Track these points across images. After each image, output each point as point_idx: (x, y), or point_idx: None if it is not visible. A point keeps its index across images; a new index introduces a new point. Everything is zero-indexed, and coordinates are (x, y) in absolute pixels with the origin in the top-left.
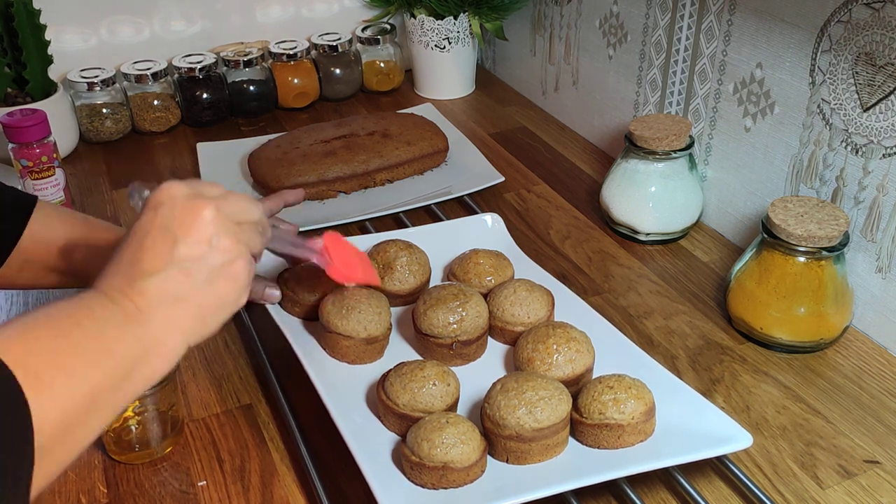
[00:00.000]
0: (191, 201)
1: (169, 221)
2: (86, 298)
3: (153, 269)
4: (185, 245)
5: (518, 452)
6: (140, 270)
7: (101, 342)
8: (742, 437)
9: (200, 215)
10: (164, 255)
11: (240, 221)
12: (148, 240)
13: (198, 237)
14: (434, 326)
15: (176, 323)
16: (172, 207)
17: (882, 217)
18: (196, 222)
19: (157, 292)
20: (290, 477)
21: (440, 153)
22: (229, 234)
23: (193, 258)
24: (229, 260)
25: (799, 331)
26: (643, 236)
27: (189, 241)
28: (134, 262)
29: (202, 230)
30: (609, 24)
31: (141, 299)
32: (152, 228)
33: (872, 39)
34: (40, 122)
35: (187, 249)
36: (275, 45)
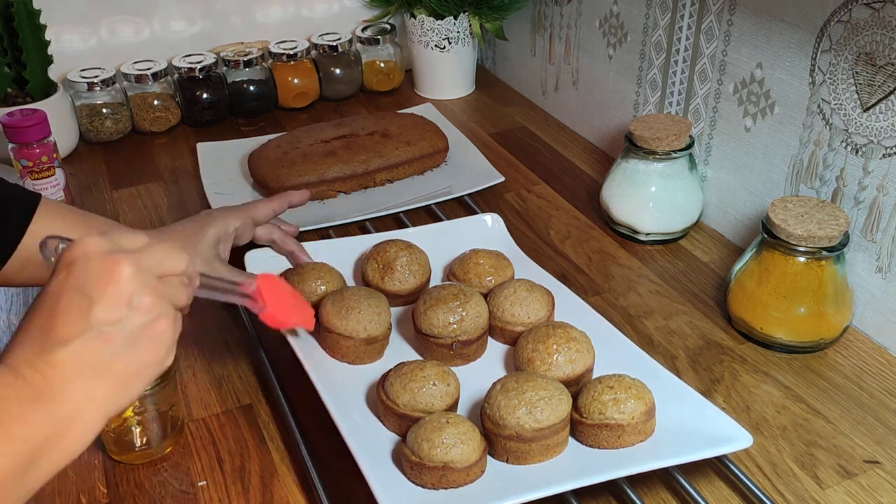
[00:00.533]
0: (107, 257)
1: (83, 281)
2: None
3: (67, 336)
4: (101, 307)
5: (518, 452)
6: (52, 339)
7: (6, 426)
8: (742, 437)
9: (118, 273)
10: (79, 321)
11: (162, 274)
12: (61, 304)
13: (116, 298)
14: (434, 326)
15: (93, 394)
16: (87, 265)
17: (882, 217)
18: (113, 281)
19: (72, 363)
20: (290, 477)
21: (440, 153)
22: (150, 291)
23: (112, 321)
24: (151, 320)
25: (799, 331)
26: (643, 236)
27: (106, 302)
28: (45, 329)
29: (120, 290)
30: (609, 24)
31: (53, 372)
32: (65, 290)
33: (872, 39)
34: (40, 122)
35: (104, 312)
36: (275, 45)
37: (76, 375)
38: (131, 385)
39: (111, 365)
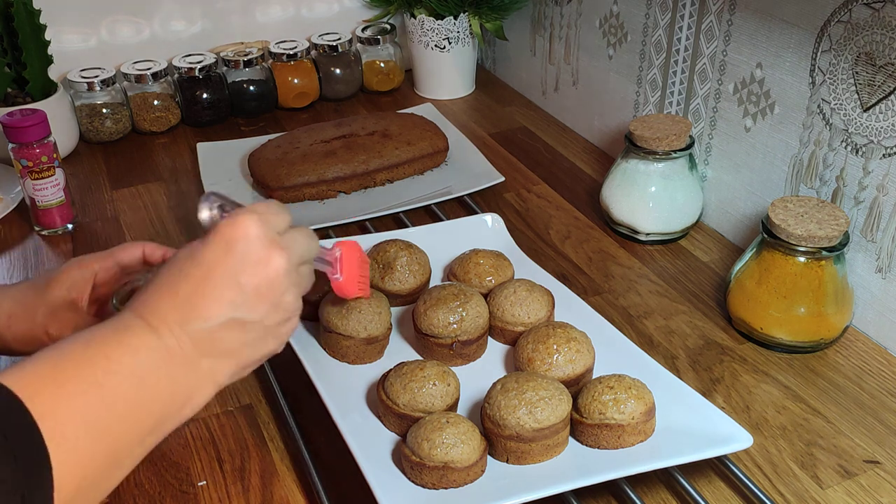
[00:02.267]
0: (265, 248)
1: (239, 267)
2: (128, 330)
3: (211, 313)
4: (250, 301)
5: (518, 452)
6: (197, 313)
7: (135, 395)
8: (742, 437)
9: (273, 269)
10: (226, 304)
11: (303, 263)
12: (212, 280)
13: (264, 291)
14: (434, 326)
15: (216, 372)
16: (246, 251)
17: (882, 217)
18: (267, 274)
19: (209, 342)
20: (290, 477)
21: (440, 153)
22: (294, 290)
23: (253, 312)
24: (286, 319)
25: (799, 331)
26: (643, 236)
27: (254, 293)
28: (191, 299)
29: (271, 284)
30: (609, 24)
31: (190, 345)
32: (219, 268)
33: (872, 39)
34: (40, 122)
35: (250, 306)
36: (275, 45)
37: (208, 353)
38: (248, 369)
39: (240, 351)
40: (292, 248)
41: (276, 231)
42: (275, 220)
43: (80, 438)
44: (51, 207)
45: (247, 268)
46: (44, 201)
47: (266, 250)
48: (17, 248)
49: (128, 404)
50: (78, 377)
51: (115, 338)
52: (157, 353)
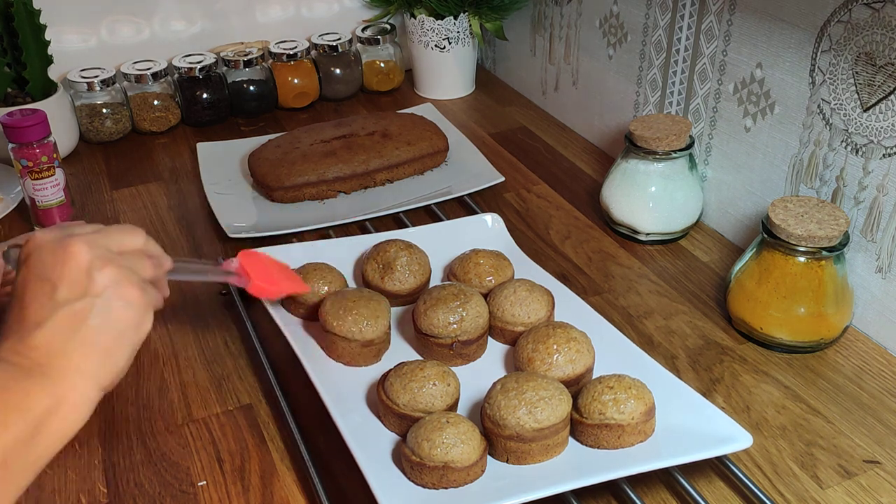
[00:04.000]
0: (59, 242)
1: (41, 269)
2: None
3: (39, 319)
4: (63, 286)
5: (518, 452)
6: (27, 326)
7: (5, 402)
8: (742, 437)
9: (71, 251)
10: (46, 303)
11: (120, 251)
12: (27, 294)
13: (75, 273)
14: (434, 326)
15: (80, 366)
16: (41, 254)
17: (882, 217)
18: (69, 259)
19: (51, 342)
20: (290, 477)
21: (440, 153)
22: (108, 262)
23: (76, 297)
24: (114, 286)
25: (799, 331)
26: (643, 236)
27: (67, 280)
28: (20, 319)
29: (77, 265)
30: (609, 24)
31: (36, 353)
32: (28, 281)
33: (872, 39)
34: (40, 122)
35: (67, 290)
36: (275, 45)
37: (59, 352)
38: (114, 353)
39: (88, 336)
40: (93, 236)
41: (72, 231)
42: (73, 227)
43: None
44: (51, 207)
45: (47, 265)
46: (44, 201)
47: (60, 244)
48: None
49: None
50: None
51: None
52: (13, 374)
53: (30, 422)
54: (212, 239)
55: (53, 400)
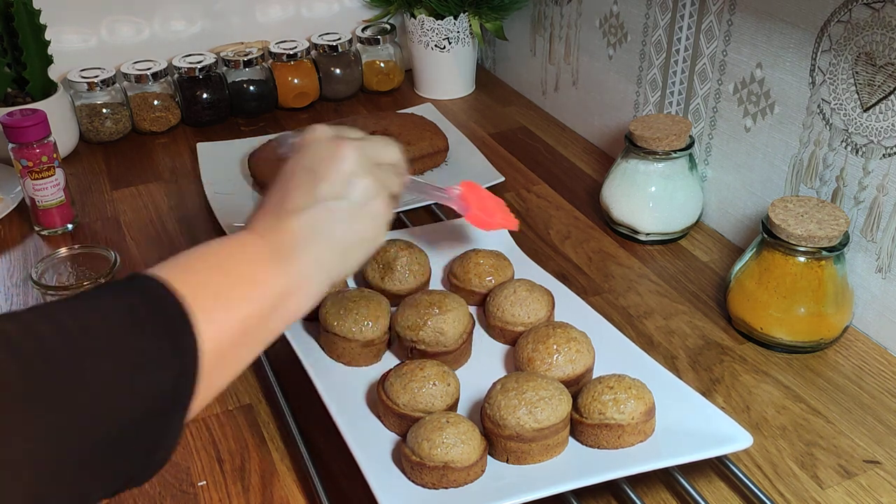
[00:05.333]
0: (333, 142)
1: (312, 162)
2: (238, 237)
3: (298, 207)
4: (326, 183)
5: (518, 452)
6: (286, 209)
7: (252, 276)
8: (742, 437)
9: (341, 155)
10: (308, 194)
11: (379, 162)
12: (293, 180)
13: (339, 176)
14: (397, 325)
15: (320, 258)
16: (316, 149)
17: (882, 217)
18: (337, 162)
19: (302, 229)
20: (290, 477)
21: (440, 153)
22: (368, 173)
23: (335, 196)
24: (368, 198)
25: (799, 331)
26: (643, 236)
27: (330, 179)
28: (281, 201)
29: (342, 169)
30: (609, 24)
31: (287, 236)
32: (297, 169)
33: (872, 39)
34: (40, 122)
35: (329, 188)
36: (275, 45)
37: (306, 240)
38: (351, 254)
39: (334, 233)
40: (362, 143)
41: (345, 134)
42: (345, 130)
43: (214, 310)
44: (51, 207)
45: (317, 160)
46: (44, 201)
47: (333, 143)
48: (17, 248)
49: (248, 285)
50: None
51: (228, 242)
52: (262, 249)
53: (268, 299)
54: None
55: (291, 284)
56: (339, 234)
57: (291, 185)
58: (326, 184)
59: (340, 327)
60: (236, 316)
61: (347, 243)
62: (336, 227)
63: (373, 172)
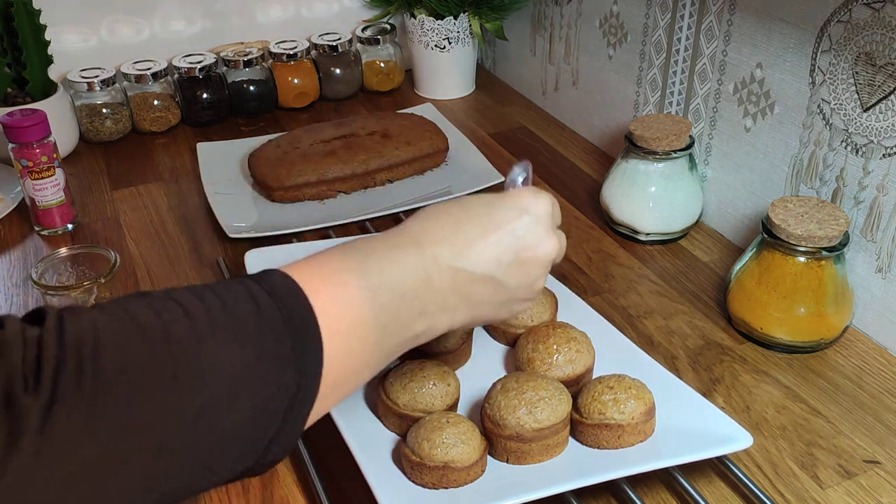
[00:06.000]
0: (548, 233)
1: (522, 236)
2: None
3: (478, 263)
4: (514, 267)
5: (518, 452)
6: (467, 256)
7: (395, 309)
8: (742, 438)
9: (544, 253)
10: (494, 261)
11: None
12: (495, 235)
13: (527, 272)
14: None
15: (456, 315)
16: (534, 226)
17: (882, 217)
18: (537, 258)
19: (464, 286)
20: (290, 477)
21: (440, 153)
22: (545, 280)
23: (509, 282)
24: (528, 299)
25: (799, 331)
26: (643, 236)
27: (519, 267)
28: (469, 243)
29: (535, 268)
30: (609, 24)
31: (448, 281)
32: (505, 228)
33: (872, 39)
34: (40, 122)
35: (512, 273)
36: (275, 45)
37: (458, 295)
38: (474, 325)
39: (481, 307)
40: (562, 242)
41: (555, 221)
42: (558, 212)
43: (349, 336)
44: (51, 207)
45: (527, 240)
46: (44, 201)
47: (548, 233)
48: (17, 248)
49: (388, 315)
50: (355, 284)
51: (389, 253)
52: (420, 278)
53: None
54: (212, 239)
55: (427, 327)
56: (481, 311)
57: (490, 237)
58: (513, 265)
59: None
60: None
61: (481, 319)
62: (485, 304)
63: (545, 276)
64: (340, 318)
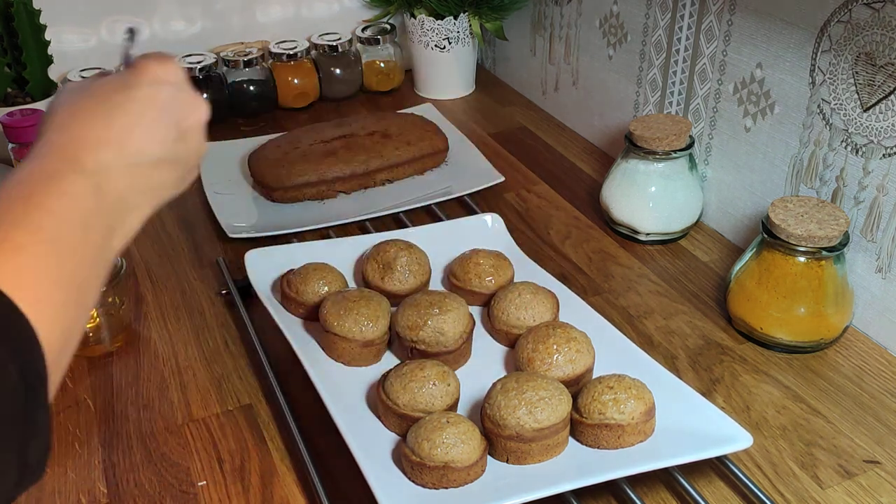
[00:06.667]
0: (193, 94)
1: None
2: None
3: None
4: (179, 140)
5: (518, 452)
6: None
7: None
8: (742, 438)
9: (200, 114)
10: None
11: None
12: (148, 116)
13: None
14: (398, 325)
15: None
16: (177, 93)
17: (882, 217)
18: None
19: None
20: (290, 477)
21: (440, 153)
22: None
23: (180, 155)
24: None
25: (799, 331)
26: (643, 236)
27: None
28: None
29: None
30: (609, 24)
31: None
32: (155, 106)
33: (872, 39)
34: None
35: (179, 147)
36: (275, 45)
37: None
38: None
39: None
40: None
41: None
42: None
43: (52, 294)
44: None
45: (180, 109)
46: None
47: (193, 95)
48: None
49: (80, 248)
50: (31, 240)
51: (48, 188)
52: (94, 198)
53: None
54: (212, 239)
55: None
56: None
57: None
58: (178, 138)
59: (340, 327)
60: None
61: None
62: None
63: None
64: (36, 284)
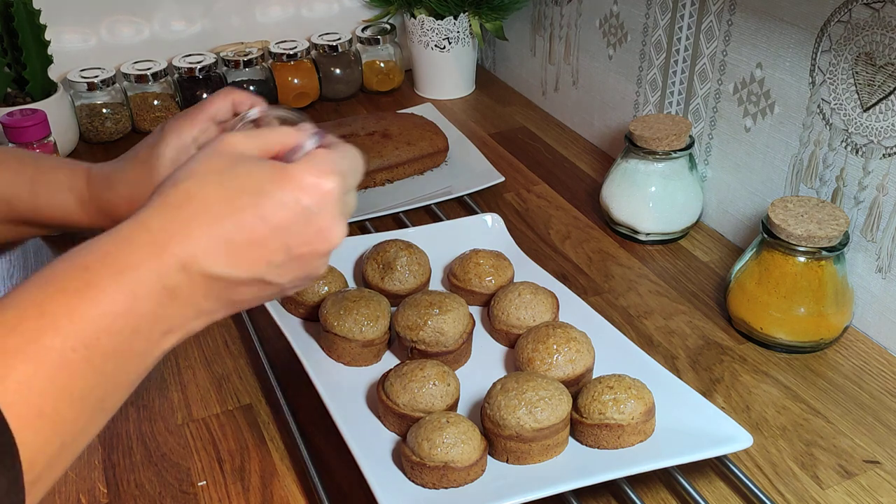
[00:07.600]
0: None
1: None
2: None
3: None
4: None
5: (518, 452)
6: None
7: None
8: (742, 437)
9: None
10: (264, 265)
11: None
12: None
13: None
14: (398, 325)
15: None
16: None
17: (882, 217)
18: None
19: (223, 290)
20: (290, 477)
21: (440, 153)
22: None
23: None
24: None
25: (799, 331)
26: (643, 236)
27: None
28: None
29: (314, 260)
30: (609, 24)
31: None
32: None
33: (872, 39)
34: (40, 122)
35: (284, 271)
36: (275, 45)
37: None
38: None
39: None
40: (349, 213)
41: (346, 193)
42: (351, 181)
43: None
44: None
45: (302, 234)
46: None
47: (331, 223)
48: (17, 247)
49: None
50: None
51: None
52: (159, 298)
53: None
54: None
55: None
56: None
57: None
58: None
59: (340, 327)
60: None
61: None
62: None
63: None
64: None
